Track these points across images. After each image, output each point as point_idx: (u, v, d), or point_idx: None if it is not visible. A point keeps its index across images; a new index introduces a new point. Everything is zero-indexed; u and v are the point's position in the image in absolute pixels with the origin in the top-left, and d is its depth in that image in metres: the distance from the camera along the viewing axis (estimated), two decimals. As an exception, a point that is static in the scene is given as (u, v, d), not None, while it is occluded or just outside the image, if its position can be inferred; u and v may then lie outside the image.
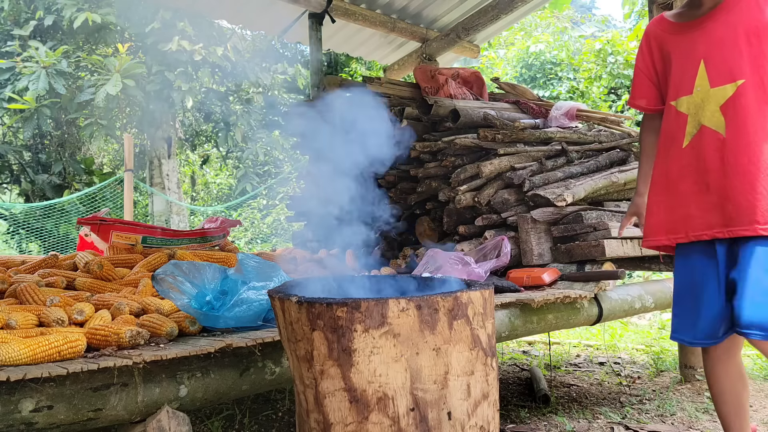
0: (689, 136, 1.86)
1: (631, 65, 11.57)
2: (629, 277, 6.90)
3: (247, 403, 3.15)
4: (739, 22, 1.78)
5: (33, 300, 2.11)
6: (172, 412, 1.60)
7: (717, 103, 1.80)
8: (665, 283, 3.30)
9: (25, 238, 10.98)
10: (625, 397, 3.25)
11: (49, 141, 12.10)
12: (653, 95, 2.05)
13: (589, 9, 23.45)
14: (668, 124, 1.94)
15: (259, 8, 5.22)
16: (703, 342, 1.90)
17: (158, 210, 11.86)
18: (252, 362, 1.82)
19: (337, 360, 1.29)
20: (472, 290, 1.37)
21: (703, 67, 1.83)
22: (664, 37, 1.96)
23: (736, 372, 1.98)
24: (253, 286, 1.98)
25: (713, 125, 1.81)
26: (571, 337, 5.12)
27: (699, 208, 1.84)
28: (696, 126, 1.85)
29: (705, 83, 1.83)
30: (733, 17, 1.79)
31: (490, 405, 1.39)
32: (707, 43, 1.83)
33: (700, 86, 1.84)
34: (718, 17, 1.82)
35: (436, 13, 5.60)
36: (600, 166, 3.57)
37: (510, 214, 3.24)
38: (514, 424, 2.80)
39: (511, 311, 2.53)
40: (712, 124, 1.81)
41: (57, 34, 11.55)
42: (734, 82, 1.78)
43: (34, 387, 1.42)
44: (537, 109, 4.12)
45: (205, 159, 16.61)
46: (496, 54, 14.49)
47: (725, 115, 1.79)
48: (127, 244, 3.05)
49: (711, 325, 1.85)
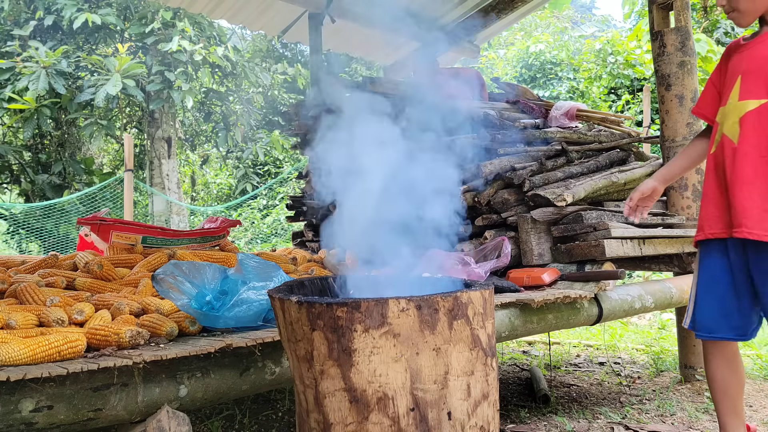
0: (716, 144, 2.04)
1: (631, 65, 11.58)
2: (629, 277, 6.90)
3: (247, 403, 3.15)
4: None
5: (33, 300, 2.10)
6: (172, 412, 1.60)
7: (738, 115, 1.95)
8: (665, 283, 3.30)
9: (25, 238, 10.98)
10: (625, 397, 3.25)
11: (49, 141, 12.10)
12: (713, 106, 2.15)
13: (589, 9, 23.46)
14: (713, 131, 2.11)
15: (259, 8, 5.22)
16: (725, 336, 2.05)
17: (158, 210, 11.86)
18: (252, 362, 1.82)
19: (337, 360, 1.29)
20: (472, 290, 1.37)
21: (739, 82, 1.98)
22: (730, 56, 2.10)
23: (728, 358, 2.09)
24: (253, 286, 1.98)
25: (730, 134, 1.97)
26: (571, 337, 5.12)
27: (717, 208, 2.01)
28: (720, 134, 2.02)
29: (736, 96, 1.98)
30: None
31: (490, 405, 1.39)
32: (749, 61, 1.98)
33: (732, 99, 1.99)
34: (765, 39, 1.97)
35: (436, 13, 5.60)
36: (600, 166, 3.57)
37: (510, 214, 3.24)
38: (514, 424, 2.80)
39: (511, 311, 2.53)
40: (729, 133, 1.97)
41: (57, 34, 11.55)
42: (758, 99, 1.92)
43: (34, 387, 1.42)
44: (537, 109, 4.11)
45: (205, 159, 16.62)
46: (496, 54, 14.50)
47: (741, 127, 1.94)
48: (127, 244, 3.05)
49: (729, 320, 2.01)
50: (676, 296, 3.24)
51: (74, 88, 10.87)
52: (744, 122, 1.93)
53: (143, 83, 11.01)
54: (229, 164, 15.86)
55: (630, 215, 2.34)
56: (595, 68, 11.91)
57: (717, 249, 2.04)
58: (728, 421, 2.07)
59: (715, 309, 2.04)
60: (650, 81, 10.76)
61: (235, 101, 13.03)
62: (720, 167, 2.00)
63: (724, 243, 2.01)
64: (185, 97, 11.08)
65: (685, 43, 3.48)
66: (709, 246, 2.06)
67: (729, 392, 2.07)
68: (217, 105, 12.96)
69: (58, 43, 11.29)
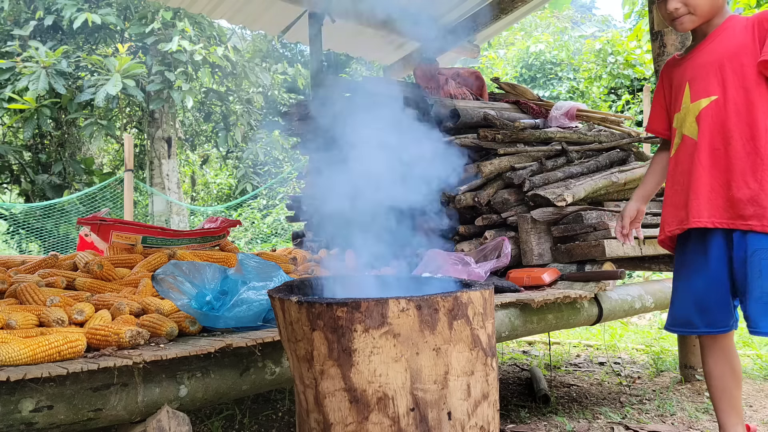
0: (675, 147, 2.17)
1: (631, 65, 11.58)
2: (629, 277, 6.90)
3: (247, 403, 3.15)
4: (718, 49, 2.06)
5: (33, 300, 2.10)
6: (172, 412, 1.60)
7: (694, 115, 2.08)
8: (665, 283, 3.30)
9: (25, 238, 10.98)
10: (625, 397, 3.25)
11: (49, 141, 12.11)
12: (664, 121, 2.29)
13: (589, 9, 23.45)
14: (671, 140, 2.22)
15: (259, 8, 5.22)
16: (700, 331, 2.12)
17: (158, 210, 11.86)
18: (252, 362, 1.82)
19: (337, 360, 1.29)
20: (472, 290, 1.37)
21: (688, 87, 2.11)
22: (670, 71, 2.25)
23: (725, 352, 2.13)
24: (253, 286, 1.98)
25: (690, 133, 2.09)
26: (571, 337, 5.12)
27: (674, 207, 2.13)
28: (679, 137, 2.14)
29: (687, 100, 2.11)
30: (715, 45, 2.08)
31: (490, 405, 1.39)
32: (691, 69, 2.12)
33: (685, 103, 2.12)
34: (703, 47, 2.11)
35: (436, 13, 5.59)
36: (600, 166, 3.57)
37: (510, 214, 3.24)
38: (514, 424, 2.80)
39: (511, 311, 2.53)
40: (689, 132, 2.10)
41: (57, 34, 11.56)
42: (708, 97, 2.04)
43: (34, 387, 1.42)
44: (537, 109, 4.11)
45: (205, 159, 16.62)
46: (496, 54, 14.49)
47: (699, 124, 2.06)
48: (127, 244, 3.05)
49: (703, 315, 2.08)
50: (676, 296, 3.23)
51: (74, 88, 10.87)
52: (700, 119, 2.05)
53: (143, 83, 11.01)
54: (229, 164, 15.87)
55: (623, 240, 2.41)
56: (595, 68, 11.92)
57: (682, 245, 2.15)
58: (726, 420, 2.08)
59: (689, 303, 2.11)
60: (650, 81, 10.76)
61: (235, 101, 13.03)
62: (680, 166, 2.11)
63: (686, 238, 2.12)
64: (185, 97, 11.08)
65: (685, 44, 3.47)
66: (678, 242, 2.18)
67: (726, 389, 2.08)
68: (217, 105, 12.96)
69: (58, 43, 11.29)
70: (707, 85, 2.05)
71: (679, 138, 2.13)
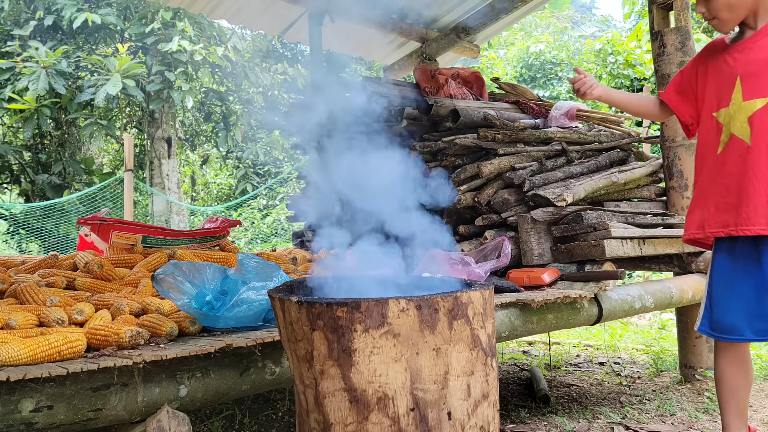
0: (722, 144, 2.07)
1: (631, 65, 11.58)
2: (629, 277, 6.90)
3: (247, 403, 3.15)
4: None
5: (33, 300, 2.10)
6: (172, 412, 1.60)
7: (746, 115, 2.00)
8: (665, 283, 3.30)
9: (25, 238, 10.98)
10: (625, 397, 3.25)
11: (49, 141, 12.11)
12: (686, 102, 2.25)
13: (589, 9, 23.46)
14: (708, 133, 2.14)
15: (259, 8, 5.22)
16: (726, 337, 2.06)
17: (158, 210, 11.86)
18: (252, 362, 1.82)
19: (337, 360, 1.29)
20: (472, 290, 1.37)
21: (740, 82, 2.03)
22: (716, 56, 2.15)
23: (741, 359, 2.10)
24: (253, 286, 1.98)
25: (740, 134, 2.01)
26: (571, 337, 5.12)
27: (718, 209, 2.04)
28: (727, 134, 2.06)
29: (739, 97, 2.03)
30: None
31: (490, 405, 1.39)
32: (745, 64, 2.04)
33: (736, 100, 2.04)
34: (756, 41, 2.03)
35: (436, 13, 5.59)
36: (600, 166, 3.57)
37: (510, 214, 3.24)
38: (514, 424, 2.80)
39: (511, 311, 2.53)
40: (739, 133, 2.02)
41: (57, 34, 11.55)
42: (764, 98, 1.97)
43: (34, 387, 1.42)
44: (537, 109, 4.11)
45: (205, 159, 16.62)
46: (496, 54, 14.49)
47: (751, 126, 1.98)
48: (127, 244, 3.05)
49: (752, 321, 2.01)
50: (676, 296, 3.24)
51: (74, 88, 10.87)
52: (753, 121, 1.98)
53: (143, 83, 11.01)
54: (229, 164, 15.87)
55: (575, 84, 2.34)
56: (595, 68, 11.91)
57: (727, 249, 2.06)
58: (731, 422, 2.07)
59: (737, 309, 2.03)
60: (650, 81, 10.76)
61: (235, 101, 13.03)
62: (727, 166, 2.03)
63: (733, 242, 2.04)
64: (185, 97, 11.08)
65: (685, 43, 3.47)
66: (720, 246, 2.10)
67: (737, 393, 2.07)
68: (217, 105, 12.96)
69: (58, 43, 11.28)
70: (762, 85, 1.98)
71: (727, 136, 2.05)
